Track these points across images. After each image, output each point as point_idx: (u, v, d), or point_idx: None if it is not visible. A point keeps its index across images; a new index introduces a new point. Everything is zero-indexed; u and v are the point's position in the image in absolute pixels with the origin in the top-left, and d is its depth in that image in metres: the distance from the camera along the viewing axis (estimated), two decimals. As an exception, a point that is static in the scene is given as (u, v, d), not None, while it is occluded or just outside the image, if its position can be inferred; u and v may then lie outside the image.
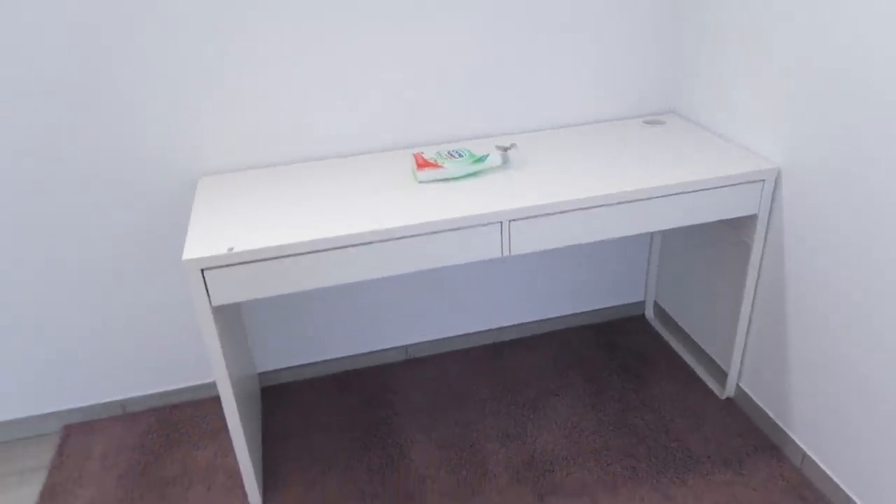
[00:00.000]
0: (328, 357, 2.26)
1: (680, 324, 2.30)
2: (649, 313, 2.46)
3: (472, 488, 1.81)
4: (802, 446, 1.79)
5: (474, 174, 1.75)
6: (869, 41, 1.37)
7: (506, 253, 1.62)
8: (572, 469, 1.85)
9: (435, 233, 1.56)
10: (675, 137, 1.93)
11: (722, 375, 2.08)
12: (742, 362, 2.00)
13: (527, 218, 1.60)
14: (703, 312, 2.14)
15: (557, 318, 2.41)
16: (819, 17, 1.49)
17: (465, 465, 1.88)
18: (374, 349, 2.29)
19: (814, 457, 1.75)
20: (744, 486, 1.77)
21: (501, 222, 1.58)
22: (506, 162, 1.79)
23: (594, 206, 1.63)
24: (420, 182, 1.73)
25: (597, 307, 2.44)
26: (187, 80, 1.75)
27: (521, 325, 2.39)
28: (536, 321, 2.39)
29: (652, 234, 2.34)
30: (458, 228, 1.57)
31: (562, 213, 1.61)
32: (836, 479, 1.68)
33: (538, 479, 1.83)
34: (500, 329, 2.37)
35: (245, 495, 1.82)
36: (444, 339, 2.34)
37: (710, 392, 2.09)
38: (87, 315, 1.98)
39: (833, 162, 1.53)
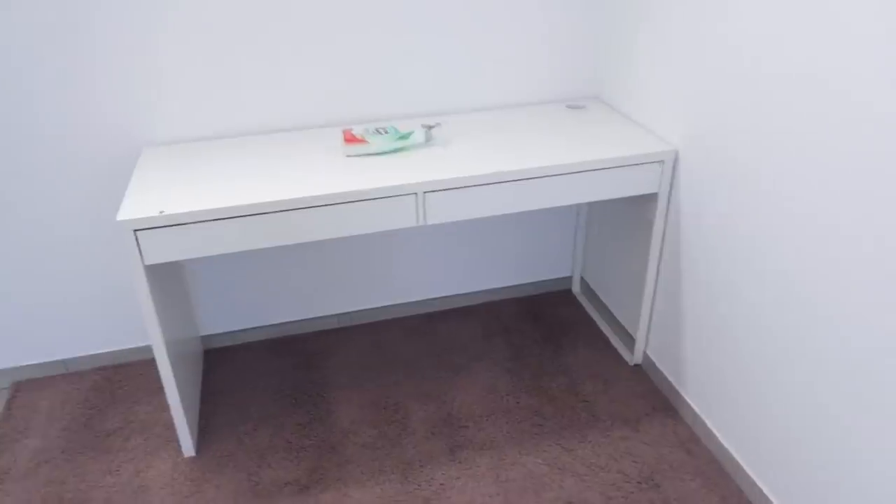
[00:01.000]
0: (267, 323, 2.39)
1: (601, 297, 2.47)
2: (576, 288, 2.63)
3: (391, 441, 1.96)
4: (694, 407, 1.96)
5: (399, 150, 1.88)
6: (750, 42, 1.53)
7: (421, 222, 1.76)
8: (484, 426, 2.01)
9: (355, 201, 1.69)
10: (592, 121, 2.08)
11: (632, 344, 2.25)
12: (648, 332, 2.17)
13: (441, 190, 1.74)
14: (619, 286, 2.31)
15: (489, 290, 2.56)
16: (708, 19, 1.65)
17: (387, 422, 2.03)
18: (311, 316, 2.42)
19: (703, 417, 1.93)
20: (638, 441, 1.94)
21: (416, 193, 1.72)
22: (429, 140, 1.93)
23: (505, 181, 1.77)
24: (347, 156, 1.86)
25: (526, 281, 2.59)
26: (133, 55, 1.85)
27: (454, 296, 2.53)
28: (469, 293, 2.54)
29: (577, 214, 2.49)
30: (376, 198, 1.70)
31: (474, 186, 1.76)
32: (719, 437, 1.86)
33: (452, 434, 1.98)
34: (434, 300, 2.52)
35: (179, 447, 1.95)
36: (377, 308, 2.48)
37: (621, 359, 2.26)
38: (34, 277, 2.09)
39: (717, 146, 1.68)
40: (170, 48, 1.88)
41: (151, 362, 2.29)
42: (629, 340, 2.28)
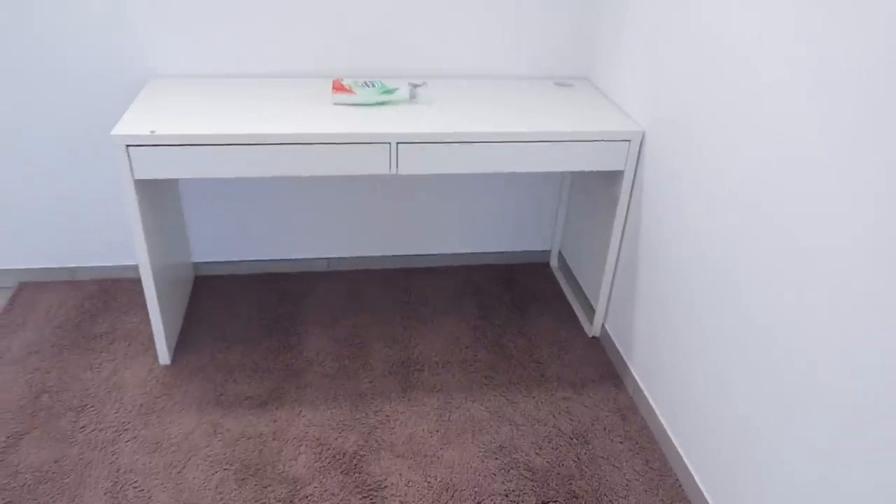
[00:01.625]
0: (257, 258, 2.55)
1: (573, 271, 2.57)
2: (553, 262, 2.73)
3: (350, 374, 2.11)
4: (637, 379, 2.06)
5: (382, 103, 2.01)
6: (712, 31, 1.61)
7: (393, 171, 1.89)
8: (438, 371, 2.14)
9: (333, 143, 1.83)
10: (575, 98, 2.18)
11: (594, 317, 2.35)
12: (608, 306, 2.27)
13: (413, 143, 1.86)
14: (588, 262, 2.40)
15: (467, 254, 2.68)
16: (679, 12, 1.73)
17: (349, 357, 2.18)
18: (300, 257, 2.58)
19: (643, 388, 2.02)
20: (579, 403, 2.05)
21: (390, 143, 1.85)
22: (414, 97, 2.05)
23: (474, 142, 1.89)
24: (334, 104, 2.00)
25: (505, 250, 2.70)
26: (148, -10, 2.02)
27: (434, 255, 2.66)
28: (447, 254, 2.67)
29: (560, 191, 2.59)
30: (353, 143, 1.84)
31: (445, 143, 1.87)
32: (654, 408, 1.95)
33: (408, 375, 2.12)
34: (414, 256, 2.65)
35: (156, 355, 2.13)
36: (362, 258, 2.62)
37: (582, 330, 2.36)
38: (44, 189, 2.28)
39: (678, 131, 1.77)
40: (185, -13, 2.03)
41: (146, 281, 2.47)
42: (592, 314, 2.38)
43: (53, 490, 1.68)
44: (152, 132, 1.73)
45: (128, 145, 1.74)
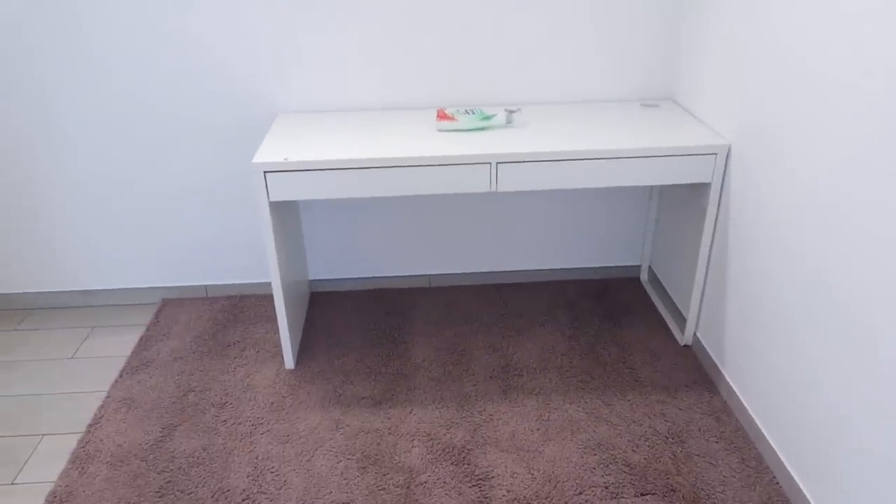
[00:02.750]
0: (366, 275, 2.79)
1: (663, 284, 2.66)
2: (644, 276, 2.83)
3: (454, 378, 2.28)
4: (730, 383, 2.13)
5: (482, 129, 2.21)
6: (802, 51, 1.73)
7: (493, 189, 2.08)
8: (536, 376, 2.28)
9: (440, 165, 2.04)
10: (661, 117, 2.31)
11: (685, 326, 2.43)
12: (699, 315, 2.35)
13: (512, 162, 2.05)
14: (678, 272, 2.50)
15: (559, 269, 2.83)
16: (766, 26, 1.85)
17: (453, 363, 2.36)
18: (404, 274, 2.80)
19: (737, 391, 2.09)
20: (674, 406, 2.14)
21: (490, 163, 2.04)
22: (510, 122, 2.24)
23: (569, 160, 2.05)
24: (439, 131, 2.22)
25: (597, 266, 2.83)
26: (278, 40, 2.32)
27: (528, 271, 2.82)
28: (544, 269, 2.82)
29: (649, 206, 2.71)
30: (457, 164, 2.04)
31: (541, 161, 2.05)
32: (749, 409, 2.02)
33: (508, 379, 2.27)
34: (509, 272, 2.82)
35: (283, 360, 2.38)
36: (461, 274, 2.81)
37: (673, 339, 2.45)
38: (185, 217, 2.61)
39: (764, 144, 1.88)
40: (306, 35, 2.32)
41: (269, 297, 2.76)
42: (683, 323, 2.46)
43: (204, 472, 1.93)
44: (285, 159, 2.00)
45: (265, 171, 2.01)
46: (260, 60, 2.35)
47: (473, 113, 2.23)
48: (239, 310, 2.69)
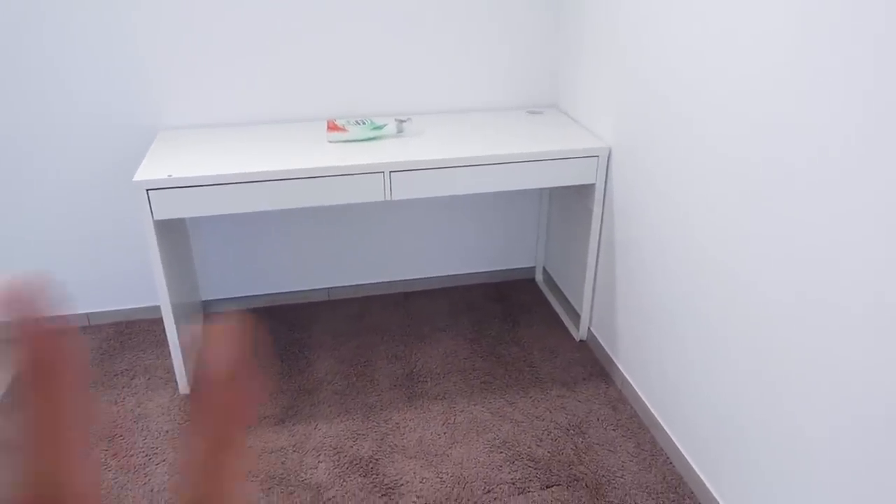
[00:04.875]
0: (262, 292, 2.72)
1: (557, 283, 2.76)
2: (539, 277, 2.92)
3: (359, 390, 2.26)
4: (623, 372, 2.24)
5: (373, 138, 2.22)
6: (668, 64, 1.85)
7: (388, 197, 2.09)
8: (440, 381, 2.30)
9: (332, 176, 2.02)
10: (546, 124, 2.41)
11: (579, 322, 2.54)
12: (591, 310, 2.46)
13: (404, 171, 2.06)
14: (570, 272, 2.60)
15: (460, 275, 2.87)
16: (638, 40, 1.97)
17: (356, 375, 2.34)
18: (303, 288, 2.75)
19: (630, 380, 2.20)
20: (573, 399, 2.22)
21: (384, 172, 2.05)
22: (401, 132, 2.26)
23: (459, 166, 2.10)
24: (329, 142, 2.20)
25: (494, 269, 2.90)
26: (158, 57, 2.23)
27: (429, 278, 2.85)
28: (442, 276, 2.86)
29: (539, 210, 2.80)
30: (350, 174, 2.03)
31: (433, 169, 2.08)
32: (642, 396, 2.13)
33: (412, 386, 2.28)
34: (411, 280, 2.83)
35: (176, 385, 2.27)
36: (362, 285, 2.80)
37: (569, 335, 2.55)
38: (62, 241, 2.44)
39: (638, 147, 2.00)
40: (187, 51, 2.24)
41: (158, 320, 2.63)
42: (577, 319, 2.56)
43: (94, 511, 1.81)
44: (169, 176, 1.92)
45: (148, 189, 1.92)
46: (134, 77, 2.25)
47: (364, 123, 2.23)
48: (126, 336, 2.55)
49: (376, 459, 1.98)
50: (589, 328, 2.49)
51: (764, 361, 1.51)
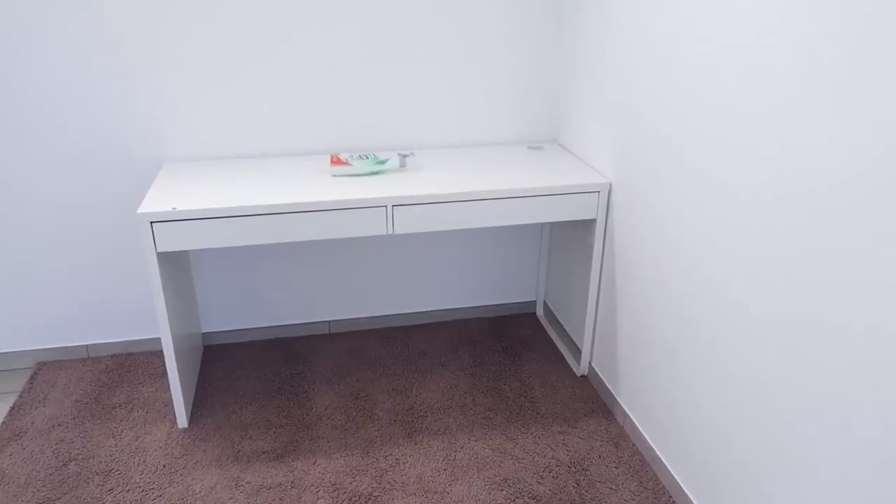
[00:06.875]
0: (263, 325, 2.71)
1: (558, 318, 2.76)
2: (539, 311, 2.92)
3: (358, 425, 2.24)
4: (625, 409, 2.22)
5: (376, 173, 2.24)
6: (661, 102, 1.88)
7: (390, 231, 2.10)
8: (441, 416, 2.28)
9: (335, 209, 2.04)
10: (547, 159, 2.43)
11: (581, 358, 2.53)
12: (592, 346, 2.45)
13: (407, 205, 2.08)
14: (572, 306, 2.60)
15: (460, 308, 2.87)
16: (640, 76, 2.01)
17: (357, 409, 2.32)
18: (304, 321, 2.74)
19: (632, 417, 2.19)
20: (574, 435, 2.20)
21: (386, 206, 2.07)
22: (403, 166, 2.28)
23: (462, 201, 2.11)
24: (333, 176, 2.22)
25: (495, 303, 2.89)
26: (163, 90, 2.26)
27: (429, 311, 2.84)
28: (442, 310, 2.85)
29: (540, 245, 2.81)
30: (353, 208, 2.05)
31: (435, 203, 2.09)
32: (644, 434, 2.11)
33: (412, 422, 2.26)
34: (411, 314, 2.83)
35: (175, 419, 2.25)
36: (363, 319, 2.79)
37: (570, 371, 2.53)
38: (63, 272, 2.44)
39: (636, 183, 2.02)
40: (192, 85, 2.28)
41: (157, 353, 2.61)
42: (579, 354, 2.55)
43: (88, 548, 1.78)
44: (174, 209, 1.93)
45: (152, 222, 1.93)
46: (139, 110, 2.28)
47: (367, 157, 2.26)
48: (125, 368, 2.53)
49: (376, 496, 1.95)
50: (590, 363, 2.48)
51: (770, 398, 1.51)
